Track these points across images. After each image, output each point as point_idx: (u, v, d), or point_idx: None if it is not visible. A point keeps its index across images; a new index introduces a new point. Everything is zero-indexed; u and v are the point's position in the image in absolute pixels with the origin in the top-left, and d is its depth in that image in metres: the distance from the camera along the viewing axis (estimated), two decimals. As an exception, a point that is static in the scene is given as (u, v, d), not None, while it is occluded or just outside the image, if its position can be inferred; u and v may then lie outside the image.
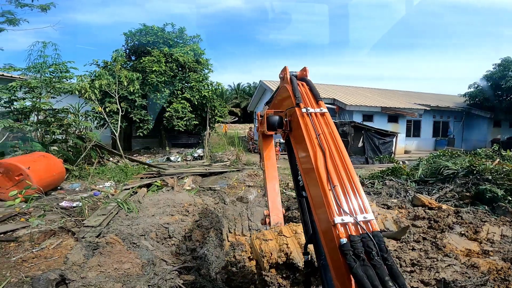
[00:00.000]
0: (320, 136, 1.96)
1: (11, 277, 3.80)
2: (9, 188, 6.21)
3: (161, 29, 16.41)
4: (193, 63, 15.97)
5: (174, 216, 6.04)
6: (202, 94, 15.40)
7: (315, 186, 1.80)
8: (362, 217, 1.59)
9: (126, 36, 16.25)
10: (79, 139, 9.97)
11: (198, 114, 16.06)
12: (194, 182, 8.59)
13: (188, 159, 12.26)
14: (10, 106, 8.88)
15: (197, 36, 17.58)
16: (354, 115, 15.95)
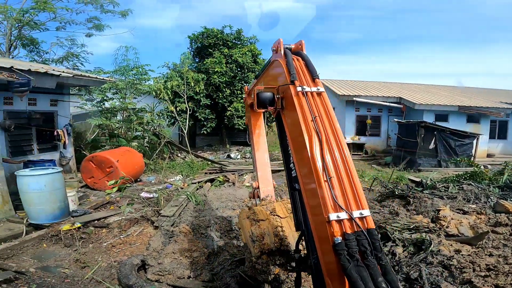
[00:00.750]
0: (317, 119, 1.77)
1: (102, 261, 4.33)
2: (101, 179, 7.31)
3: (220, 31, 17.27)
4: (251, 63, 16.51)
5: (236, 210, 6.42)
6: (259, 93, 15.79)
7: (309, 177, 1.66)
8: (358, 213, 1.49)
9: (190, 39, 17.54)
10: (154, 136, 11.22)
11: (257, 113, 16.51)
12: (253, 179, 8.95)
13: (247, 156, 12.76)
14: (101, 105, 10.41)
15: (253, 37, 18.14)
16: (425, 115, 14.57)
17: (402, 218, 4.69)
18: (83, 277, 3.91)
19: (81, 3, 12.20)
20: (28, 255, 4.43)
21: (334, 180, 1.57)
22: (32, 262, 4.20)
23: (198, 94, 14.78)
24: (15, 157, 6.23)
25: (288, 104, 2.01)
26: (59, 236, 4.87)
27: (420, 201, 5.74)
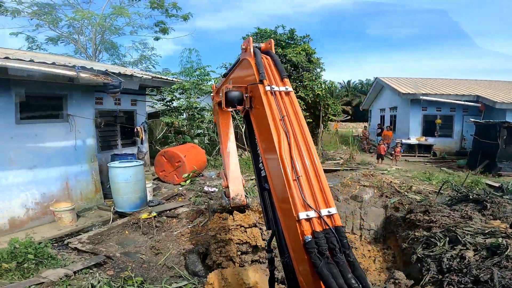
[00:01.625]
0: (285, 119, 1.79)
1: (172, 249, 4.87)
2: (171, 172, 8.20)
3: (273, 31, 17.53)
4: (306, 62, 16.41)
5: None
6: (315, 92, 15.71)
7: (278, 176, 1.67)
8: (326, 211, 1.53)
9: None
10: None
11: (311, 112, 16.47)
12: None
13: (301, 155, 12.87)
14: (170, 105, 11.59)
15: (307, 36, 17.95)
16: (508, 114, 12.83)
17: (476, 222, 4.45)
18: (157, 262, 4.49)
19: (149, 8, 13.64)
20: (114, 241, 5.17)
21: (303, 179, 1.59)
22: (117, 247, 4.89)
23: (253, 94, 15.30)
24: (104, 151, 7.44)
25: (257, 103, 2.00)
26: (138, 224, 5.61)
27: (499, 206, 5.33)
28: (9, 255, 3.93)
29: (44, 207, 5.49)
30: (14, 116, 5.00)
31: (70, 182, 5.93)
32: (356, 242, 5.48)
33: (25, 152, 5.17)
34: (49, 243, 4.57)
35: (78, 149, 6.00)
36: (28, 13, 11.64)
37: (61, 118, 5.75)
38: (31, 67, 4.45)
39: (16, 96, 4.99)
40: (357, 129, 31.67)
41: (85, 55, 13.40)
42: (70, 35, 13.22)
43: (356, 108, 38.22)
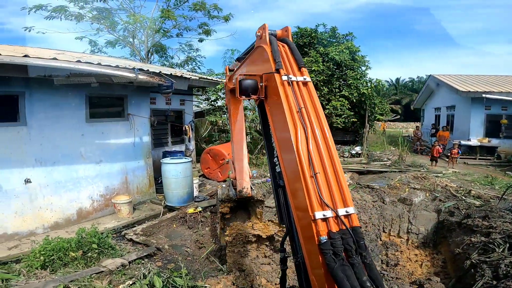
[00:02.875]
0: (302, 111, 1.73)
1: (215, 243, 5.14)
2: (215, 169, 8.70)
3: (314, 30, 17.50)
4: (349, 61, 16.19)
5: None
6: (360, 91, 15.38)
7: (294, 172, 1.61)
8: (344, 211, 1.49)
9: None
10: (257, 133, 12.47)
11: (356, 111, 16.12)
12: (352, 178, 8.98)
13: (345, 155, 12.69)
14: (215, 104, 12.21)
15: (349, 34, 17.75)
16: None
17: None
18: (200, 256, 4.83)
19: (193, 10, 14.42)
20: (163, 233, 5.61)
21: (320, 176, 1.55)
22: (165, 240, 5.31)
23: (296, 92, 15.42)
24: (156, 148, 8.17)
25: (272, 93, 1.94)
26: (185, 218, 6.04)
27: None
28: (76, 244, 4.38)
29: (106, 199, 6.24)
30: (85, 115, 5.78)
31: (129, 177, 6.66)
32: (402, 246, 5.39)
33: (93, 148, 5.95)
34: (110, 233, 5.10)
35: (136, 146, 6.72)
36: (89, 17, 13.11)
37: (122, 117, 6.50)
38: (99, 69, 5.08)
39: (86, 96, 5.77)
40: (408, 129, 30.04)
41: (139, 58, 14.68)
42: (125, 38, 14.60)
43: (406, 107, 36.73)
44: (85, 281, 3.75)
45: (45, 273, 3.99)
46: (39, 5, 12.11)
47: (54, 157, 5.34)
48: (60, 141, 5.41)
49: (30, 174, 5.05)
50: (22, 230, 5.06)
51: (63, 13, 12.44)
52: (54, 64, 4.54)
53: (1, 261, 4.26)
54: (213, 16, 14.99)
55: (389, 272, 4.50)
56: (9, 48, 5.94)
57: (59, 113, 5.36)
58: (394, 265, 4.65)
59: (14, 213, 4.93)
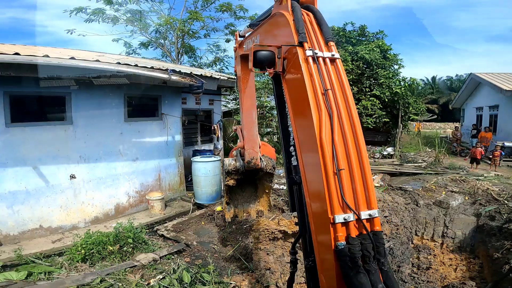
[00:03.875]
0: (329, 93, 1.48)
1: (241, 241, 5.30)
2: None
3: (342, 28, 17.54)
4: (380, 59, 15.98)
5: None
6: (393, 90, 15.06)
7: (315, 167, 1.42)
8: (367, 214, 1.37)
9: None
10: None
11: (388, 111, 15.79)
12: (383, 180, 8.85)
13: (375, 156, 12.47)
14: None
15: (380, 32, 17.63)
16: None
17: None
18: (227, 253, 5.01)
19: (219, 11, 14.82)
20: (192, 230, 5.87)
21: (344, 173, 1.38)
22: (194, 236, 5.55)
23: (325, 92, 15.41)
24: (186, 146, 8.55)
25: (294, 69, 1.67)
26: (213, 215, 6.30)
27: None
28: (114, 238, 4.67)
29: (141, 196, 6.68)
30: (123, 115, 6.23)
31: (162, 174, 7.06)
32: (436, 250, 5.30)
33: (130, 146, 6.39)
34: (143, 228, 5.33)
35: (169, 144, 7.11)
36: (124, 20, 13.95)
37: (157, 116, 6.91)
38: (137, 71, 5.48)
39: (124, 96, 6.22)
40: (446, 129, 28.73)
41: (170, 59, 15.37)
42: (157, 40, 15.34)
43: (444, 106, 35.29)
44: (120, 275, 4.05)
45: (84, 266, 4.34)
46: (79, 7, 13.11)
47: (96, 154, 5.83)
48: (102, 139, 5.89)
49: (75, 170, 5.55)
50: (66, 224, 5.54)
51: (100, 15, 13.38)
52: (97, 66, 4.97)
53: (45, 254, 4.65)
54: (239, 16, 15.38)
55: (419, 276, 4.46)
56: (56, 50, 6.55)
57: (101, 113, 5.84)
58: (426, 269, 4.60)
59: (59, 207, 5.43)
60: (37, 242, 5.01)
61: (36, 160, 5.05)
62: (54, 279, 3.97)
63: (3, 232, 4.85)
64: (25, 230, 5.07)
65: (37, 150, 5.04)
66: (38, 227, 5.20)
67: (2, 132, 4.68)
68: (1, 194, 4.78)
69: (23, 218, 5.03)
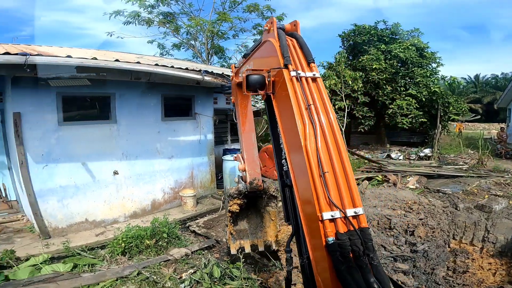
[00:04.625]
0: (311, 108, 1.72)
1: None
2: (271, 168, 9.10)
3: (373, 27, 17.34)
4: (416, 58, 15.60)
5: (396, 211, 6.66)
6: (431, 89, 14.60)
7: (302, 171, 1.63)
8: (353, 211, 1.50)
9: (341, 37, 18.43)
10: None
11: (426, 111, 15.33)
12: (419, 182, 8.68)
13: (411, 158, 12.16)
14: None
15: (415, 30, 17.39)
16: None
17: None
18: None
19: (247, 12, 15.19)
20: (221, 227, 6.05)
21: (329, 176, 1.56)
22: (223, 233, 5.68)
23: (355, 92, 15.25)
24: (217, 145, 8.91)
25: (281, 89, 1.94)
26: None
27: None
28: (151, 233, 4.96)
29: (175, 192, 7.09)
30: (161, 114, 6.68)
31: (194, 172, 7.46)
32: (475, 254, 5.17)
33: (166, 144, 6.84)
34: (177, 224, 5.61)
35: (201, 143, 7.50)
36: (157, 22, 14.76)
37: (190, 116, 7.33)
38: (173, 72, 5.86)
39: (161, 97, 6.67)
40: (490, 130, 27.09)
41: (201, 59, 16.01)
42: (188, 41, 16.06)
43: (488, 106, 33.74)
44: (155, 268, 4.35)
45: (124, 259, 4.69)
46: (118, 10, 14.08)
47: (137, 152, 6.31)
48: (141, 137, 6.37)
49: (118, 166, 6.06)
50: (108, 218, 6.02)
51: (136, 18, 14.27)
52: (138, 67, 5.40)
53: (89, 247, 5.04)
54: (266, 16, 15.70)
55: (455, 279, 4.40)
56: (100, 52, 7.15)
57: (141, 112, 6.31)
58: (462, 272, 4.52)
59: (103, 202, 5.93)
60: (83, 235, 5.45)
61: (85, 156, 5.59)
62: (97, 271, 4.31)
63: (53, 225, 5.34)
64: (73, 223, 5.57)
65: (85, 147, 5.57)
66: (84, 221, 5.71)
67: (56, 130, 5.24)
68: (53, 189, 5.31)
69: (71, 212, 5.53)
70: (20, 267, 4.22)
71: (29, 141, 4.97)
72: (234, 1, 15.18)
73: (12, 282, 3.89)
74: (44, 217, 5.22)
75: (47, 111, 5.12)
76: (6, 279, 3.95)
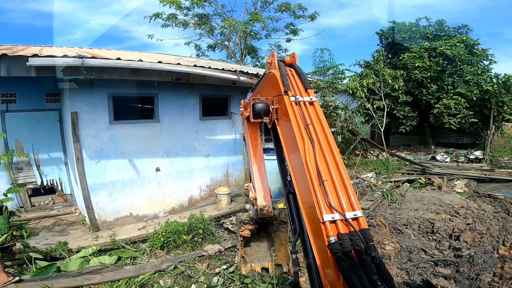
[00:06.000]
0: (309, 127, 2.02)
1: None
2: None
3: (414, 24, 17.03)
4: (465, 55, 14.99)
5: (440, 215, 6.58)
6: (483, 88, 13.97)
7: (304, 181, 1.87)
8: (352, 214, 1.67)
9: (379, 35, 18.16)
10: (349, 133, 12.63)
11: (477, 111, 14.66)
12: (467, 186, 8.42)
13: (460, 160, 11.72)
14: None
15: (464, 27, 16.81)
16: None
17: None
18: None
19: (279, 11, 15.47)
20: None
21: (328, 184, 1.78)
22: None
23: (396, 91, 14.96)
24: (249, 144, 9.28)
25: (283, 113, 2.27)
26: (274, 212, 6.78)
27: None
28: (188, 228, 5.28)
29: (211, 190, 7.54)
30: (199, 113, 7.16)
31: (229, 170, 7.87)
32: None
33: (204, 143, 7.31)
34: (212, 221, 5.90)
35: (236, 142, 7.90)
36: (192, 23, 15.54)
37: (226, 115, 7.75)
38: (210, 72, 6.29)
39: (199, 96, 7.15)
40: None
41: (234, 60, 16.57)
42: (222, 42, 16.70)
43: None
44: (190, 263, 4.70)
45: (162, 253, 5.07)
46: (157, 13, 15.01)
47: (177, 150, 6.84)
48: (181, 136, 6.88)
49: (160, 163, 6.60)
50: (149, 213, 6.55)
51: (174, 20, 15.12)
52: (179, 68, 5.89)
53: (132, 240, 5.46)
54: (299, 16, 15.88)
55: (501, 285, 4.32)
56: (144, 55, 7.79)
57: (181, 112, 6.83)
58: (510, 278, 4.42)
59: (146, 197, 6.48)
60: (127, 229, 5.96)
61: (131, 153, 6.18)
62: (137, 264, 4.68)
63: (102, 218, 5.90)
64: (119, 217, 6.14)
65: (132, 145, 6.16)
66: (129, 215, 6.27)
67: (107, 128, 5.86)
68: (104, 183, 5.91)
69: (118, 206, 6.10)
70: (72, 259, 4.68)
71: (84, 139, 5.60)
72: (265, 1, 15.51)
73: (63, 273, 4.33)
74: (95, 210, 5.81)
75: (100, 110, 5.74)
76: (58, 270, 4.39)
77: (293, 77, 2.40)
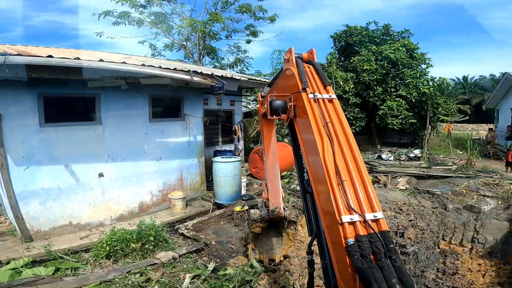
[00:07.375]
0: (328, 125, 1.88)
1: None
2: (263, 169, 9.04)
3: (365, 28, 17.45)
4: (406, 59, 15.72)
5: (386, 212, 6.62)
6: (421, 90, 14.73)
7: (322, 181, 1.73)
8: (372, 215, 1.55)
9: (333, 38, 18.42)
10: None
11: (415, 112, 15.43)
12: (409, 183, 8.67)
13: (401, 158, 12.19)
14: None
15: (406, 31, 17.50)
16: None
17: None
18: (244, 253, 5.01)
19: (239, 12, 15.09)
20: (211, 229, 5.99)
21: (347, 184, 1.65)
22: (213, 236, 5.66)
23: (346, 93, 15.27)
24: (207, 147, 8.78)
25: (301, 111, 2.12)
26: (232, 216, 6.40)
27: None
28: (137, 236, 4.86)
29: (164, 195, 6.92)
30: (148, 115, 6.51)
31: (184, 174, 7.30)
32: (464, 255, 5.16)
33: (154, 146, 6.66)
34: (164, 227, 5.48)
35: (191, 145, 7.35)
36: (148, 22, 14.52)
37: (179, 117, 7.16)
38: (160, 72, 5.68)
39: (149, 97, 6.50)
40: (478, 131, 27.50)
41: (192, 60, 15.81)
42: (180, 42, 15.84)
43: (477, 107, 34.39)
44: (141, 271, 4.23)
45: (108, 263, 4.56)
46: (107, 11, 13.75)
47: (123, 153, 6.13)
48: (128, 139, 6.19)
49: (103, 168, 5.87)
50: (93, 221, 5.84)
51: (126, 18, 14.00)
52: (124, 68, 5.22)
53: (73, 250, 4.91)
54: (259, 17, 15.62)
55: (444, 281, 4.37)
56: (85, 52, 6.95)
57: (128, 113, 6.13)
58: (452, 274, 4.49)
59: (88, 205, 5.75)
60: (66, 238, 5.30)
61: (68, 158, 5.40)
62: (80, 275, 4.21)
63: (35, 228, 5.17)
64: (56, 226, 5.39)
65: (69, 149, 5.38)
66: (68, 224, 5.53)
67: (37, 131, 5.04)
68: (35, 191, 5.12)
69: (54, 215, 5.35)
70: (0, 271, 4.08)
71: (11, 143, 4.80)
72: (226, 2, 15.04)
73: (-10, 285, 3.73)
74: (26, 220, 5.05)
75: (28, 112, 4.93)
76: (-15, 282, 3.75)
77: (311, 74, 2.24)
